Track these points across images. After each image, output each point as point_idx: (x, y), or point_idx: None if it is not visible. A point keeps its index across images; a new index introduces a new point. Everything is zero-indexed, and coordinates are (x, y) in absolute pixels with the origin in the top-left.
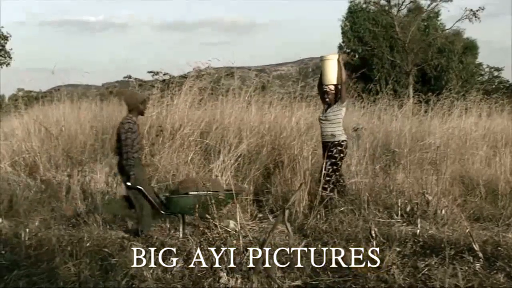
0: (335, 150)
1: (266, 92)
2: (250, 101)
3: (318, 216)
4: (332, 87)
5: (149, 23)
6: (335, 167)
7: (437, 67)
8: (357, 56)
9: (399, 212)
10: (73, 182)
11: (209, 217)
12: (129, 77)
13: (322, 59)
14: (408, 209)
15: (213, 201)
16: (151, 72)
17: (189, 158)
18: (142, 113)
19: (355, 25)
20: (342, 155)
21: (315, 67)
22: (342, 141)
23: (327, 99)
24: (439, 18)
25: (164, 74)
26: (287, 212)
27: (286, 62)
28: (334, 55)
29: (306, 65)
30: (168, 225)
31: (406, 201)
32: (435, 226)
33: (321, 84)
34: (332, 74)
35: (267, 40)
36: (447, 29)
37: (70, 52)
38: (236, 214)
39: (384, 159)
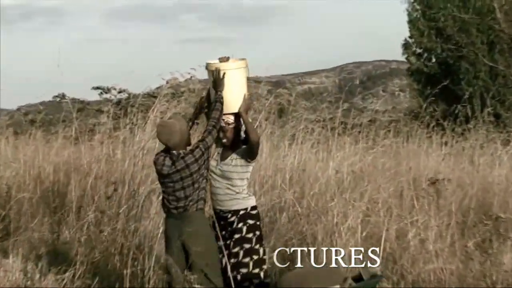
0: (244, 228)
1: (286, 119)
2: (259, 135)
3: None
4: (232, 119)
5: (96, 8)
6: (255, 258)
7: None
8: (434, 60)
9: None
10: None
11: None
12: (63, 96)
13: (208, 68)
14: None
15: None
16: (98, 88)
17: (160, 231)
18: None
19: (431, 9)
20: (258, 233)
21: (364, 77)
22: (252, 208)
23: (224, 140)
24: None
25: (119, 92)
26: None
27: (318, 70)
28: (236, 61)
29: (349, 74)
30: None
31: None
32: None
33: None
34: (234, 95)
35: (286, 35)
36: None
37: None
38: None
39: (481, 229)
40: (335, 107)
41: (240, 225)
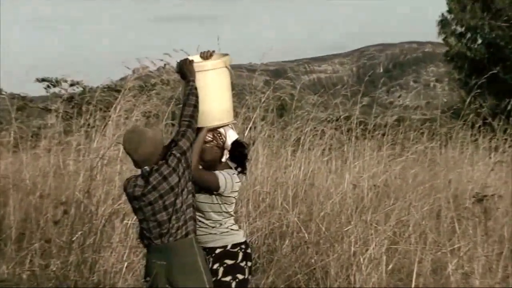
0: (221, 270)
1: (289, 118)
2: (254, 139)
3: None
4: (211, 136)
5: None
6: None
7: None
8: (479, 41)
9: None
10: None
11: None
12: None
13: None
14: None
15: None
16: (43, 80)
17: (125, 265)
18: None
19: None
20: (241, 277)
21: (390, 64)
22: (233, 246)
23: (200, 164)
24: None
25: (71, 85)
26: None
27: (330, 56)
28: (214, 60)
29: (371, 59)
30: None
31: None
32: None
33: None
34: (210, 104)
35: (289, 11)
36: None
37: None
38: None
39: None
40: (352, 103)
41: (215, 266)
